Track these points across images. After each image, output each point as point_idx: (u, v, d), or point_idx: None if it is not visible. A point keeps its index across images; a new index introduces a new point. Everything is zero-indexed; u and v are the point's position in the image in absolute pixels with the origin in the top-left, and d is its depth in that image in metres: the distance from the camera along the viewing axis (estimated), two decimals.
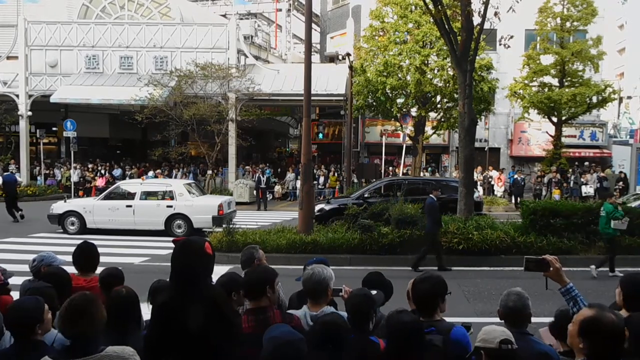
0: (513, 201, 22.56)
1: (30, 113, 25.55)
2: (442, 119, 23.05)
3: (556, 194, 21.29)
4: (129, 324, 3.08)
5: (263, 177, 22.82)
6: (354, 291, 3.15)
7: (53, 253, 4.20)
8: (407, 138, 22.68)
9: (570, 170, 23.30)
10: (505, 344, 2.59)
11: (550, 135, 24.30)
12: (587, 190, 21.94)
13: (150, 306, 3.54)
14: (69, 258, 4.13)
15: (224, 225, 11.88)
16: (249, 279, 3.19)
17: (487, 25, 11.88)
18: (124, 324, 3.00)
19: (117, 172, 26.35)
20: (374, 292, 3.24)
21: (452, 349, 2.93)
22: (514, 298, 3.02)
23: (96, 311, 2.48)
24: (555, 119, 23.59)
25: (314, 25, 22.15)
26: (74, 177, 24.47)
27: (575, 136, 27.19)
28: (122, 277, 3.78)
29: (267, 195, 23.00)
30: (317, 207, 13.50)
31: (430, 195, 10.78)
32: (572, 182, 22.48)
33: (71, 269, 4.05)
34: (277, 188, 25.54)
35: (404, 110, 22.57)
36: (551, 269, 2.93)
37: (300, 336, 2.56)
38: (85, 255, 4.05)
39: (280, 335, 2.55)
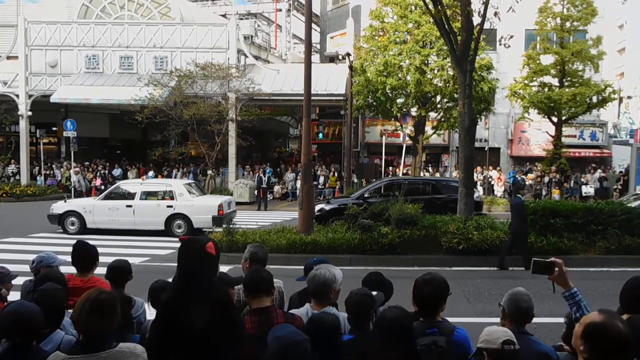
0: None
1: (30, 113, 25.56)
2: (442, 119, 23.05)
3: (556, 194, 21.30)
4: (121, 328, 3.08)
5: (264, 177, 22.86)
6: (354, 291, 3.15)
7: (53, 253, 4.18)
8: (407, 138, 22.69)
9: (568, 171, 23.31)
10: (507, 344, 2.60)
11: (550, 135, 24.30)
12: (587, 190, 21.94)
13: (150, 306, 3.56)
14: (69, 258, 4.13)
15: (224, 225, 11.89)
16: (253, 278, 3.20)
17: (487, 25, 11.86)
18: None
19: (117, 172, 26.37)
20: (374, 292, 3.24)
21: (455, 351, 2.94)
22: (526, 299, 3.03)
23: (115, 309, 2.51)
24: (555, 119, 23.59)
25: (314, 25, 22.16)
26: (74, 177, 24.45)
27: (575, 136, 27.20)
28: (129, 270, 3.77)
29: (268, 196, 23.03)
30: (317, 207, 13.50)
31: (517, 194, 10.92)
32: (572, 182, 22.49)
33: (72, 269, 4.06)
34: (277, 188, 25.55)
35: (404, 110, 22.58)
36: (556, 271, 2.89)
37: (305, 337, 2.57)
38: (82, 256, 4.02)
39: (286, 335, 2.55)
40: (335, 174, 25.75)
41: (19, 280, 4.03)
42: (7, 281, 3.84)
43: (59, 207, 14.82)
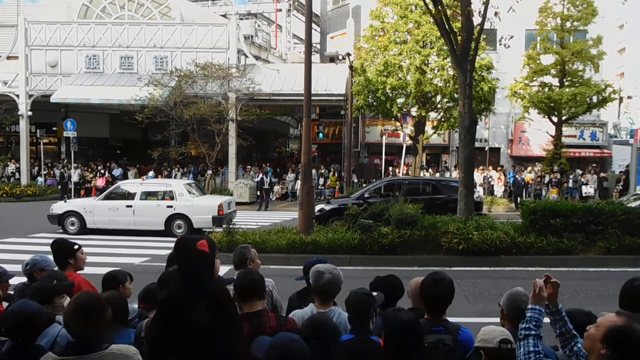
0: (513, 201, 22.57)
1: (30, 113, 25.58)
2: (442, 119, 23.05)
3: (554, 194, 21.26)
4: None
5: (266, 177, 22.89)
6: (354, 291, 3.16)
7: (45, 255, 4.15)
8: (407, 138, 22.68)
9: (569, 171, 23.29)
10: (504, 343, 2.61)
11: (551, 135, 24.31)
12: (587, 190, 21.93)
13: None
14: None
15: (224, 226, 11.87)
16: (244, 281, 3.20)
17: (487, 25, 11.86)
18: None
19: (117, 172, 26.37)
20: (374, 293, 3.26)
21: (459, 349, 2.98)
22: (525, 299, 3.01)
23: (103, 310, 2.49)
24: (555, 119, 23.60)
25: (314, 25, 22.14)
26: (74, 177, 24.47)
27: (575, 136, 27.19)
28: (120, 280, 3.75)
29: (271, 196, 23.11)
30: (317, 207, 13.50)
31: None
32: (570, 181, 22.49)
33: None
34: (277, 188, 25.55)
35: (404, 110, 22.57)
36: (548, 290, 2.79)
37: (297, 336, 2.58)
38: (55, 253, 4.07)
39: (282, 336, 2.56)
40: (335, 174, 25.74)
41: (16, 280, 4.04)
42: (4, 281, 3.84)
43: (59, 207, 14.82)
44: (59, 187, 24.94)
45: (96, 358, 2.37)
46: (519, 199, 21.75)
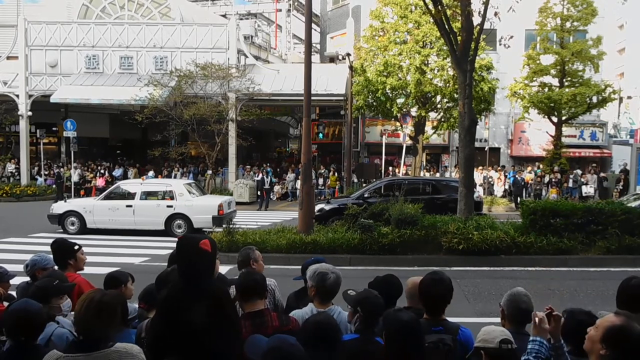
0: (513, 201, 22.57)
1: (30, 113, 25.58)
2: (442, 119, 23.06)
3: (553, 194, 21.27)
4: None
5: (267, 177, 22.90)
6: (367, 292, 3.16)
7: (45, 255, 4.15)
8: (407, 138, 22.69)
9: (568, 171, 23.28)
10: (505, 343, 2.61)
11: (551, 135, 24.31)
12: (587, 190, 21.94)
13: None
14: None
15: (224, 225, 11.87)
16: (246, 281, 3.19)
17: (487, 25, 11.86)
18: None
19: (117, 172, 26.37)
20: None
21: (459, 349, 2.98)
22: (525, 299, 3.03)
23: (114, 310, 2.52)
24: (555, 119, 23.61)
25: (314, 25, 22.15)
26: (74, 177, 24.47)
27: (575, 136, 27.20)
28: (122, 280, 3.75)
29: (272, 196, 23.12)
30: (317, 207, 13.50)
31: None
32: (570, 181, 22.50)
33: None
34: (277, 188, 25.56)
35: (404, 110, 22.57)
36: (552, 324, 2.66)
37: (294, 338, 2.57)
38: (55, 253, 4.07)
39: (278, 338, 2.55)
40: (335, 174, 25.75)
41: (16, 280, 4.03)
42: (5, 281, 3.84)
43: (59, 207, 14.84)
44: (53, 185, 24.95)
45: (101, 356, 2.38)
46: (519, 198, 21.75)
